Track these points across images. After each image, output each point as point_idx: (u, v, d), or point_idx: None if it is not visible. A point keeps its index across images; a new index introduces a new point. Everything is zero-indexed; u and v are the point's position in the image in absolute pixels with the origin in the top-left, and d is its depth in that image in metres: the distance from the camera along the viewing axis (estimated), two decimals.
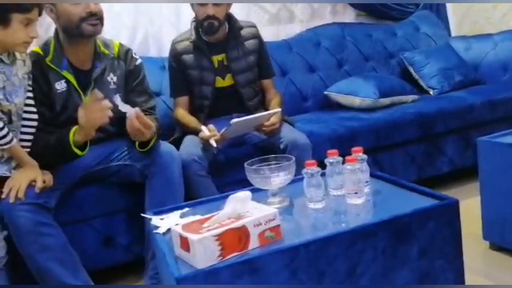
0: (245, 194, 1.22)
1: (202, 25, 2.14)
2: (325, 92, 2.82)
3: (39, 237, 1.63)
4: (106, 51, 1.87)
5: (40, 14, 1.68)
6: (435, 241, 1.26)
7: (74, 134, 1.68)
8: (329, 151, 1.48)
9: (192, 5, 2.18)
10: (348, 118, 2.53)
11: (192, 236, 1.09)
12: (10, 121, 1.69)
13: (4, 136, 1.63)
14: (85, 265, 1.77)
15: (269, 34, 2.86)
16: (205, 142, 1.97)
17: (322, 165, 1.48)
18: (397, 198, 1.43)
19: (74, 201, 1.86)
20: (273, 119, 2.06)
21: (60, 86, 1.80)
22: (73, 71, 1.81)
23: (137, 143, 1.78)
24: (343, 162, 1.44)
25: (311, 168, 1.41)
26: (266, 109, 2.22)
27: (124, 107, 1.69)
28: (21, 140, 1.74)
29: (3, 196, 1.62)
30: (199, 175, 1.94)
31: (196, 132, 2.06)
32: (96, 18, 1.76)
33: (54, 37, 1.83)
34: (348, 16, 3.28)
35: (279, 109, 2.11)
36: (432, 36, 3.28)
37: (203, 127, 2.00)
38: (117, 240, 1.98)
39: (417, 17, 3.36)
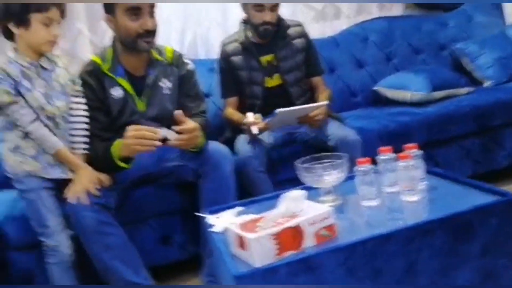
0: (299, 192, 1.23)
1: (257, 29, 2.17)
2: (374, 88, 2.78)
3: (102, 236, 1.71)
4: (160, 58, 1.93)
5: (62, 16, 1.75)
6: (497, 238, 1.22)
7: (117, 149, 1.74)
8: (381, 148, 1.47)
9: (245, 8, 2.20)
10: (399, 113, 2.49)
11: (249, 235, 1.12)
12: (56, 126, 1.77)
13: (49, 140, 1.72)
14: (143, 262, 1.85)
15: (315, 31, 2.85)
16: (248, 129, 2.00)
17: (373, 162, 1.46)
18: (454, 194, 1.40)
19: (132, 201, 1.93)
20: (316, 111, 2.05)
21: (116, 92, 1.87)
22: (128, 78, 1.89)
23: None
24: (397, 159, 1.42)
25: (363, 165, 1.40)
26: None
27: (166, 133, 1.73)
28: (72, 142, 1.83)
29: (69, 201, 1.71)
30: (258, 171, 1.98)
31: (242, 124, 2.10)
32: (152, 35, 1.82)
33: (112, 45, 1.90)
34: (396, 9, 3.21)
35: (325, 102, 2.10)
36: (486, 25, 3.15)
37: (248, 113, 2.03)
38: (174, 238, 2.04)
39: (470, 6, 3.24)
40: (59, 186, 1.80)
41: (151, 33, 1.82)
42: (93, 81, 1.86)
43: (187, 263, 2.07)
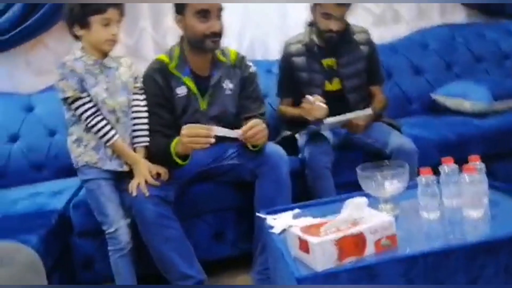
0: (361, 200, 1.25)
1: (321, 34, 2.19)
2: (432, 95, 2.73)
3: (161, 228, 1.79)
4: (223, 59, 1.98)
5: (121, 15, 1.86)
6: None
7: (175, 147, 1.80)
8: (444, 159, 1.46)
9: (313, 12, 2.20)
10: (458, 123, 2.44)
11: (312, 239, 1.14)
12: (117, 120, 1.88)
13: (107, 133, 1.82)
14: (196, 256, 1.91)
15: (374, 36, 2.81)
16: (309, 112, 2.02)
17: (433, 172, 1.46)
18: None
19: (189, 197, 2.00)
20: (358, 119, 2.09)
21: (181, 91, 1.94)
22: (193, 78, 1.95)
23: (249, 144, 1.86)
24: (460, 171, 1.41)
25: (426, 176, 1.39)
26: None
27: (229, 133, 1.78)
28: (133, 137, 1.92)
29: (133, 194, 1.79)
30: (325, 167, 2.03)
31: (299, 117, 2.12)
32: (218, 36, 1.88)
33: (179, 45, 1.97)
34: (458, 15, 3.13)
35: (369, 111, 2.11)
36: None
37: (308, 96, 2.05)
38: (227, 235, 2.09)
39: None
40: (118, 178, 1.89)
41: (218, 35, 1.88)
42: (160, 79, 1.93)
43: (238, 260, 2.11)
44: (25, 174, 2.42)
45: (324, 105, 2.02)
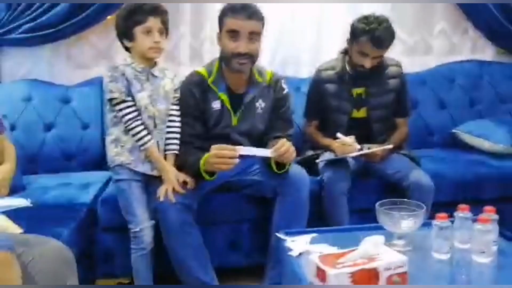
0: (378, 238, 1.33)
1: (354, 67, 2.27)
2: (453, 130, 2.79)
3: (183, 234, 1.89)
4: (260, 79, 2.08)
5: (163, 23, 1.97)
6: None
7: (204, 163, 1.88)
8: (460, 206, 1.53)
9: (349, 45, 2.26)
10: (476, 162, 2.50)
11: (329, 270, 1.23)
12: (155, 126, 2.00)
13: (143, 137, 1.94)
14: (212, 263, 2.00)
15: (403, 65, 2.88)
16: (339, 149, 2.15)
17: (442, 207, 1.56)
18: None
19: (209, 205, 2.09)
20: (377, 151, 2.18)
21: (216, 105, 2.04)
22: (228, 94, 2.05)
23: (274, 165, 1.95)
24: (473, 219, 1.49)
25: (442, 220, 1.47)
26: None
27: (260, 152, 1.88)
28: (166, 144, 2.04)
29: (161, 199, 1.90)
30: (342, 193, 2.12)
31: (327, 147, 2.25)
32: (245, 57, 1.97)
33: (219, 60, 2.07)
34: (488, 53, 3.18)
35: (390, 146, 2.20)
36: None
37: (339, 134, 2.18)
38: (241, 245, 2.19)
39: None
40: (147, 180, 2.00)
41: (245, 55, 1.97)
42: (198, 92, 2.03)
43: (250, 270, 2.20)
44: (55, 163, 2.54)
45: (357, 145, 2.13)
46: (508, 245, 1.55)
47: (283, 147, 1.86)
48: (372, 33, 2.12)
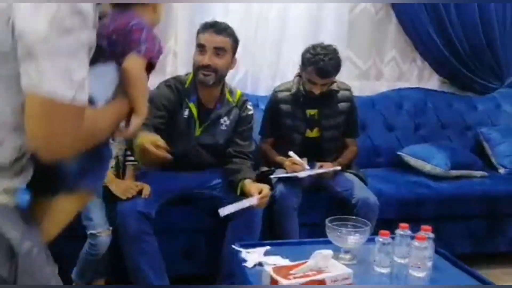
0: (327, 252, 1.46)
1: (306, 93, 2.41)
2: (399, 152, 2.99)
3: (140, 242, 1.95)
4: (230, 99, 2.21)
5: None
6: None
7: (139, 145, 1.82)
8: (401, 224, 1.69)
9: (302, 70, 2.40)
10: (417, 183, 2.70)
11: (283, 280, 1.34)
12: (113, 139, 2.01)
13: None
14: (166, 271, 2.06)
15: (356, 88, 3.06)
16: (290, 168, 2.29)
17: (385, 223, 1.71)
18: (455, 279, 1.61)
19: (168, 215, 2.15)
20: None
21: (185, 112, 2.15)
22: (198, 105, 2.16)
23: (239, 190, 2.08)
24: (412, 236, 1.64)
25: (383, 237, 1.61)
26: None
27: (245, 204, 1.97)
28: (126, 155, 2.14)
29: (119, 208, 1.96)
30: (293, 208, 2.23)
31: (280, 164, 2.38)
32: (209, 70, 2.08)
33: (192, 73, 2.18)
34: (433, 82, 3.43)
35: (338, 168, 2.38)
36: None
37: (292, 153, 2.33)
38: (195, 254, 2.26)
39: (500, 94, 3.46)
40: (106, 188, 2.04)
41: (208, 68, 2.08)
42: (175, 90, 2.14)
43: (203, 279, 2.28)
44: None
45: (306, 166, 2.27)
46: (442, 261, 1.72)
47: (266, 198, 1.98)
48: (317, 64, 2.28)
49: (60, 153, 0.93)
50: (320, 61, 2.27)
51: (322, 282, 1.38)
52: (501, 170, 3.04)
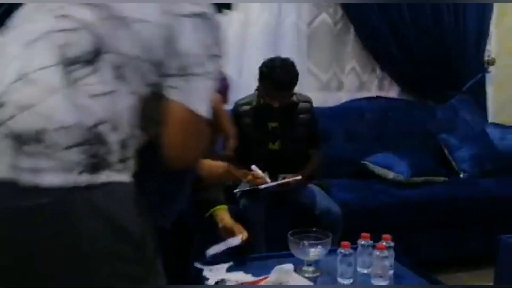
0: (288, 266, 1.45)
1: (264, 103, 2.43)
2: (363, 161, 3.03)
3: None
4: None
5: None
6: None
7: None
8: (363, 234, 1.70)
9: (260, 83, 2.42)
10: (381, 191, 2.73)
11: None
12: None
13: None
14: None
15: (317, 99, 3.08)
16: (251, 181, 2.27)
17: (350, 233, 1.73)
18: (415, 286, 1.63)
19: None
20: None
21: None
22: None
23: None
24: (373, 246, 1.65)
25: (346, 249, 1.62)
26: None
27: (233, 243, 1.84)
28: None
29: None
30: (258, 222, 2.23)
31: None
32: None
33: None
34: (393, 91, 3.50)
35: (299, 177, 2.37)
36: (469, 122, 3.47)
37: (254, 166, 2.30)
38: None
39: (457, 101, 3.55)
40: None
41: None
42: None
43: None
44: None
45: (267, 179, 2.27)
46: (403, 269, 1.74)
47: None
48: (273, 77, 2.31)
49: (189, 162, 1.06)
50: (277, 74, 2.28)
51: None
52: (462, 175, 3.11)
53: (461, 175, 3.11)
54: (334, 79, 3.34)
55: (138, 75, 0.92)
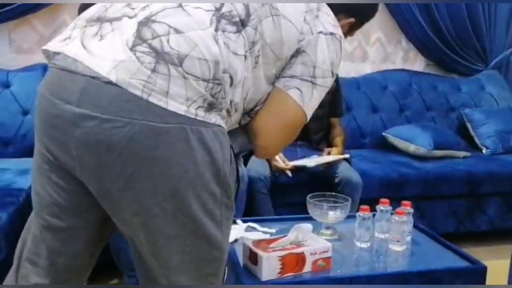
0: (307, 226, 1.47)
1: None
2: (384, 134, 3.01)
3: None
4: None
5: None
6: None
7: None
8: (381, 200, 1.70)
9: None
10: (401, 163, 2.72)
11: (261, 253, 1.35)
12: None
13: None
14: None
15: (341, 70, 3.05)
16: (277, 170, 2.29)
17: (369, 202, 1.73)
18: (433, 252, 1.64)
19: None
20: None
21: None
22: None
23: None
24: (392, 211, 1.66)
25: (364, 213, 1.63)
26: (329, 144, 2.51)
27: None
28: None
29: None
30: (262, 192, 2.21)
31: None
32: None
33: None
34: (418, 64, 3.45)
35: (346, 156, 2.39)
36: (495, 97, 3.40)
37: (277, 157, 2.29)
38: None
39: (484, 76, 3.48)
40: None
41: None
42: None
43: None
44: None
45: (288, 163, 2.32)
46: (420, 235, 1.75)
47: None
48: None
49: (273, 156, 1.12)
50: None
51: (301, 254, 1.39)
52: (484, 151, 3.08)
53: (484, 151, 3.07)
54: (359, 50, 3.30)
55: (265, 62, 1.03)
